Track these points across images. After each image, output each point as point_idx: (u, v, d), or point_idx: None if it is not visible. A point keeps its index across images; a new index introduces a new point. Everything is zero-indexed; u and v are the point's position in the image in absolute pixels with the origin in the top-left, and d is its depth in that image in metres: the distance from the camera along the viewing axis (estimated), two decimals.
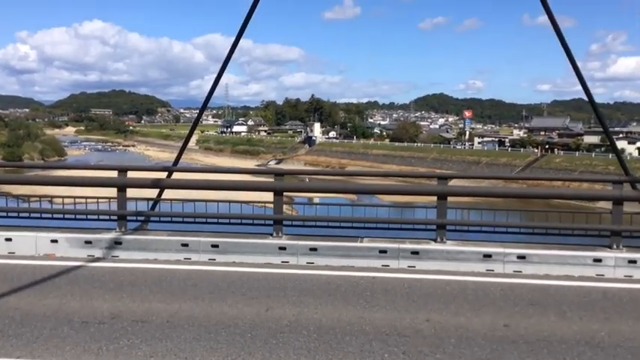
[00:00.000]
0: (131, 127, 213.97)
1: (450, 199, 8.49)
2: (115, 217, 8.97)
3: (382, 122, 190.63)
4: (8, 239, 8.48)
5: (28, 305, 6.10)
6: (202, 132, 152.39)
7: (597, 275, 7.61)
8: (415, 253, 7.99)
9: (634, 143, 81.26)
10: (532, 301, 6.47)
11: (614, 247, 8.03)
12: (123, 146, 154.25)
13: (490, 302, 6.41)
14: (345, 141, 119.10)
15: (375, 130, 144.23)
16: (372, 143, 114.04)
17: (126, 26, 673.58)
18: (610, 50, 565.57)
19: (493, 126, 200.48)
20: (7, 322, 5.58)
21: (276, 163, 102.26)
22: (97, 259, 8.16)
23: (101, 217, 9.28)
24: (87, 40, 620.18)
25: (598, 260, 7.72)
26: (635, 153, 76.08)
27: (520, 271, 7.73)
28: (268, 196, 8.77)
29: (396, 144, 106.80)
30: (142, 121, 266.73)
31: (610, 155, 66.04)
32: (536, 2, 8.55)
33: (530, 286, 7.04)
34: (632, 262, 7.69)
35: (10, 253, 8.39)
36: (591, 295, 6.72)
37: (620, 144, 72.55)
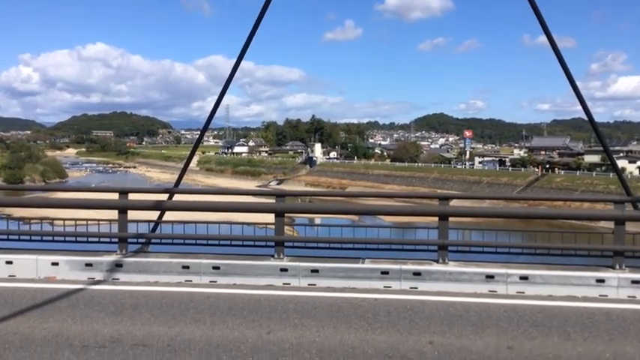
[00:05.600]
0: (132, 149, 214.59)
1: (451, 219, 8.48)
2: (116, 240, 8.95)
3: (383, 142, 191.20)
4: (9, 262, 8.46)
5: (28, 329, 6.05)
6: (203, 153, 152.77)
7: (600, 296, 7.56)
8: (417, 274, 7.95)
9: (635, 162, 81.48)
10: (536, 322, 6.42)
11: (617, 267, 8.00)
12: (124, 168, 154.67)
13: (493, 324, 6.36)
14: (346, 161, 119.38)
15: (376, 151, 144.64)
16: (373, 163, 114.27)
17: (128, 49, 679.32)
18: (610, 70, 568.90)
19: (493, 146, 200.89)
20: (7, 346, 5.54)
21: (277, 184, 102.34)
22: (98, 282, 8.12)
23: (102, 239, 9.27)
24: (90, 62, 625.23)
25: (601, 281, 7.68)
26: (636, 172, 76.16)
27: (523, 292, 7.68)
28: (269, 218, 8.76)
29: (397, 164, 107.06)
30: (143, 143, 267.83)
31: (611, 174, 66.10)
32: (536, 23, 8.65)
33: (534, 308, 6.98)
34: (636, 282, 7.64)
35: (10, 276, 8.36)
36: (595, 316, 6.67)
37: (621, 163, 72.67)
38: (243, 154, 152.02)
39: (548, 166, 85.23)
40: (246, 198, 10.13)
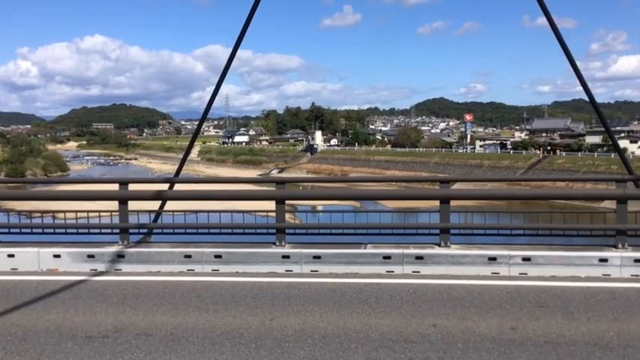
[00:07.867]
0: (133, 141, 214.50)
1: (453, 202, 8.45)
2: (118, 231, 8.94)
3: (383, 128, 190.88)
4: (11, 255, 8.46)
5: (30, 321, 6.06)
6: (204, 143, 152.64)
7: (604, 275, 7.54)
8: (419, 258, 7.94)
9: (636, 142, 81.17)
10: (539, 303, 6.42)
11: (620, 246, 7.97)
12: (125, 159, 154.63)
13: (497, 305, 6.35)
14: (347, 148, 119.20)
15: (377, 137, 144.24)
16: (374, 149, 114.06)
17: (127, 40, 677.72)
18: (610, 50, 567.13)
19: (494, 129, 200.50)
20: (10, 338, 5.54)
21: (279, 172, 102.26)
22: (100, 273, 8.12)
23: (103, 230, 9.26)
24: (88, 54, 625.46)
25: (604, 260, 7.66)
26: (638, 152, 75.89)
27: (526, 274, 7.67)
28: (270, 205, 8.74)
29: (398, 149, 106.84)
30: (144, 134, 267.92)
31: (612, 155, 65.98)
32: (535, 4, 8.55)
33: (537, 288, 6.97)
34: (638, 261, 7.62)
35: (12, 269, 8.36)
36: (598, 296, 6.66)
37: (622, 143, 72.45)
38: (244, 144, 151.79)
39: (549, 148, 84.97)
40: (246, 186, 10.06)
